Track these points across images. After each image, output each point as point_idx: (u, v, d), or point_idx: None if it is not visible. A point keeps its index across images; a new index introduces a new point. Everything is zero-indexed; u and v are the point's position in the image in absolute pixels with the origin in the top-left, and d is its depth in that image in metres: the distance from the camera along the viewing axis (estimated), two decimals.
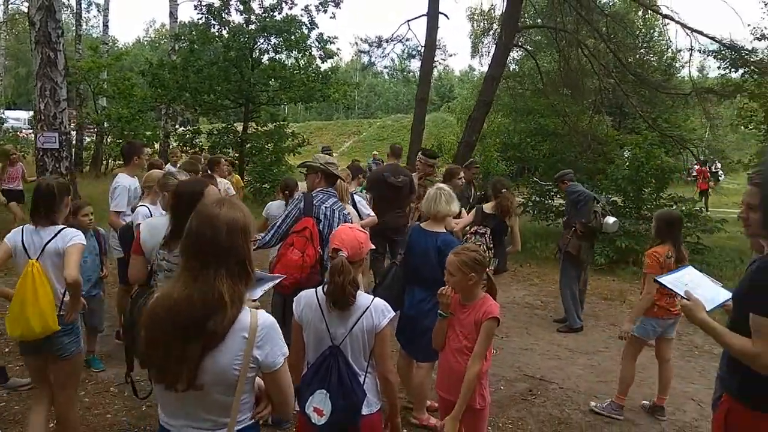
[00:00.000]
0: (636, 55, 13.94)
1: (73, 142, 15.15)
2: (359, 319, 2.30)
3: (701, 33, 11.12)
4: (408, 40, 22.06)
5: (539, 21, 14.67)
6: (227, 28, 15.53)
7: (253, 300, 2.08)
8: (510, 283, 7.98)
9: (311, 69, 16.09)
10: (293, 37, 15.33)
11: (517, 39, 12.65)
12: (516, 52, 15.84)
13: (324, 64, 17.03)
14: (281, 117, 17.94)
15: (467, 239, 5.19)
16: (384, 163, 9.04)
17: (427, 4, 12.53)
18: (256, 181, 15.11)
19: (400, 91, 60.04)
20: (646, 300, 3.98)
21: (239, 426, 1.70)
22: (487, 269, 2.86)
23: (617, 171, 9.85)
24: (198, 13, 15.56)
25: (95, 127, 18.58)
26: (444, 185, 3.99)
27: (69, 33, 18.31)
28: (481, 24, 22.05)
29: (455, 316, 2.79)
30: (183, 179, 3.48)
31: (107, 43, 22.20)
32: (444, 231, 3.72)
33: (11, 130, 20.13)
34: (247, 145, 15.72)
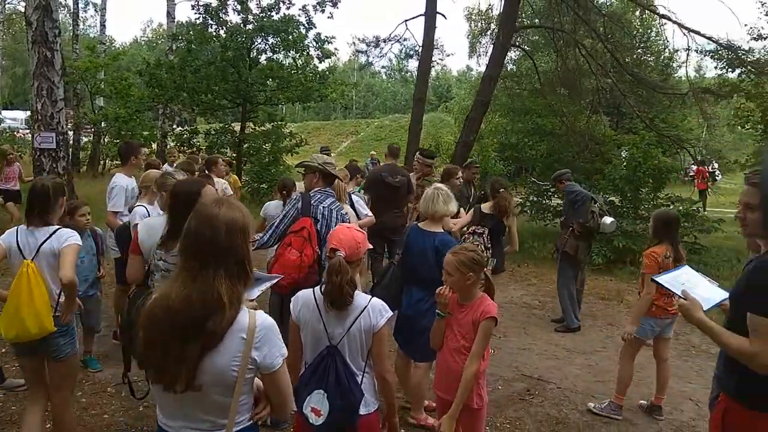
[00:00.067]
0: (633, 55, 13.92)
1: (70, 142, 15.14)
2: (357, 319, 2.30)
3: (698, 33, 11.14)
4: (405, 40, 22.13)
5: (537, 21, 14.68)
6: (224, 27, 15.47)
7: (251, 300, 2.07)
8: (508, 283, 7.98)
9: (309, 69, 16.05)
10: (291, 37, 15.29)
11: (515, 39, 12.64)
12: (513, 52, 15.81)
13: (321, 64, 17.03)
14: (279, 117, 17.90)
15: (465, 239, 5.20)
16: (381, 163, 9.05)
17: (425, 4, 12.53)
18: (253, 181, 15.07)
19: (397, 91, 60.11)
20: (646, 300, 3.98)
21: (238, 427, 1.69)
22: (485, 269, 2.87)
23: (614, 171, 9.86)
24: (195, 13, 15.51)
25: (92, 127, 18.53)
26: (442, 185, 3.99)
27: (66, 33, 18.20)
28: (479, 24, 22.00)
29: (453, 315, 2.79)
30: (180, 179, 3.47)
31: (104, 43, 22.12)
32: (442, 231, 3.73)
33: (8, 130, 20.02)
34: (245, 145, 15.67)
